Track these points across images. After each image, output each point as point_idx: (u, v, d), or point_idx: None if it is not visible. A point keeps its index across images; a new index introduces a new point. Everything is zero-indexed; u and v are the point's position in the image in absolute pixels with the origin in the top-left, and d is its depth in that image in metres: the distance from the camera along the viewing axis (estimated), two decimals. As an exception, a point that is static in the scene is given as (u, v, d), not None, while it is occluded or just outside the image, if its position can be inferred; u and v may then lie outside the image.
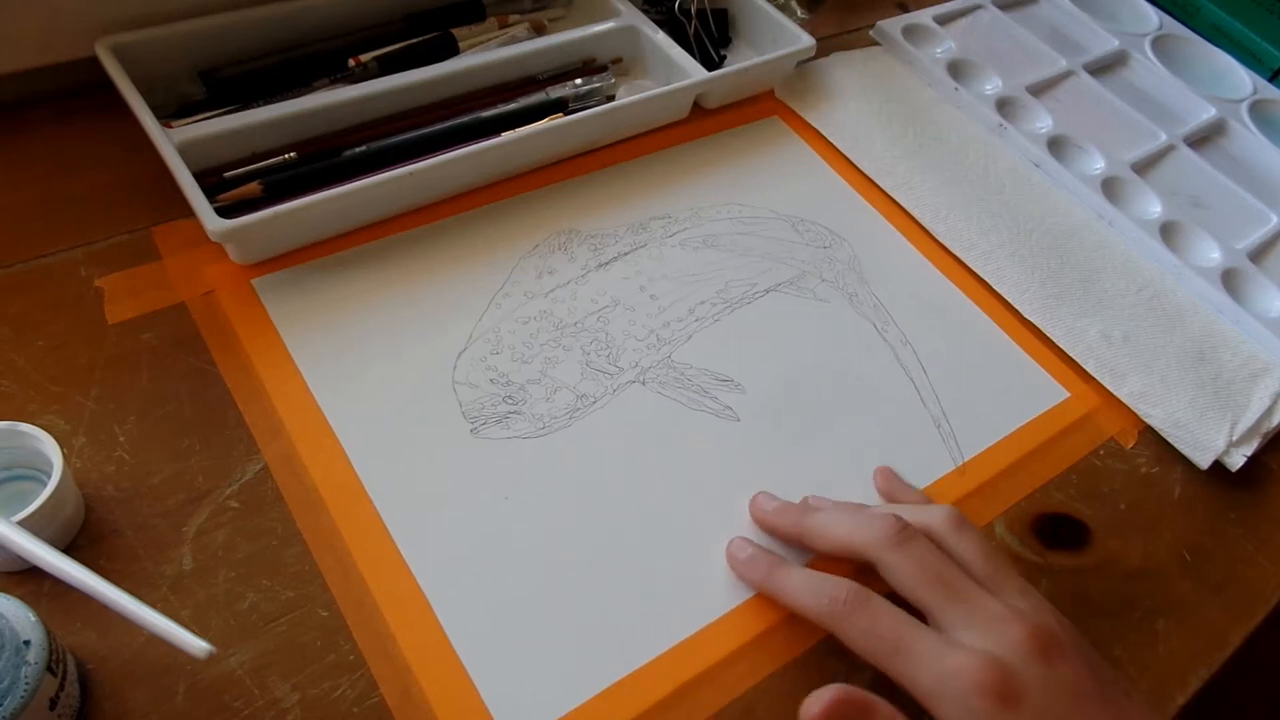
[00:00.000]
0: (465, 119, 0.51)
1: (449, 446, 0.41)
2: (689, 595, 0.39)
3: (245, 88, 0.49)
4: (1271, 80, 0.75)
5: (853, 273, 0.53)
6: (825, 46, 0.65)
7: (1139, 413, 0.50)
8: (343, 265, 0.46)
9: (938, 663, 0.32)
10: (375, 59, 0.53)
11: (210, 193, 0.43)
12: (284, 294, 0.44)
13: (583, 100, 0.55)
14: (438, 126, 0.50)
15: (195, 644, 0.29)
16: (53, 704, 0.29)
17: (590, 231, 0.51)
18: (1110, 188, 0.61)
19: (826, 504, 0.41)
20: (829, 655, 0.38)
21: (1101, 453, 0.49)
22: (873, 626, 0.34)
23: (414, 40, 0.54)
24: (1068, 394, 0.51)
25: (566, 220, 0.51)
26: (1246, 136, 0.69)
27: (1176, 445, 0.49)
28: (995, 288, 0.54)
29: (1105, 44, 0.73)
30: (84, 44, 0.46)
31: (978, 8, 0.74)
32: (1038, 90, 0.67)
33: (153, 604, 0.30)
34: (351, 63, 0.52)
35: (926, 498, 0.43)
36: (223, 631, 0.34)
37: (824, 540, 0.38)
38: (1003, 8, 0.75)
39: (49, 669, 0.29)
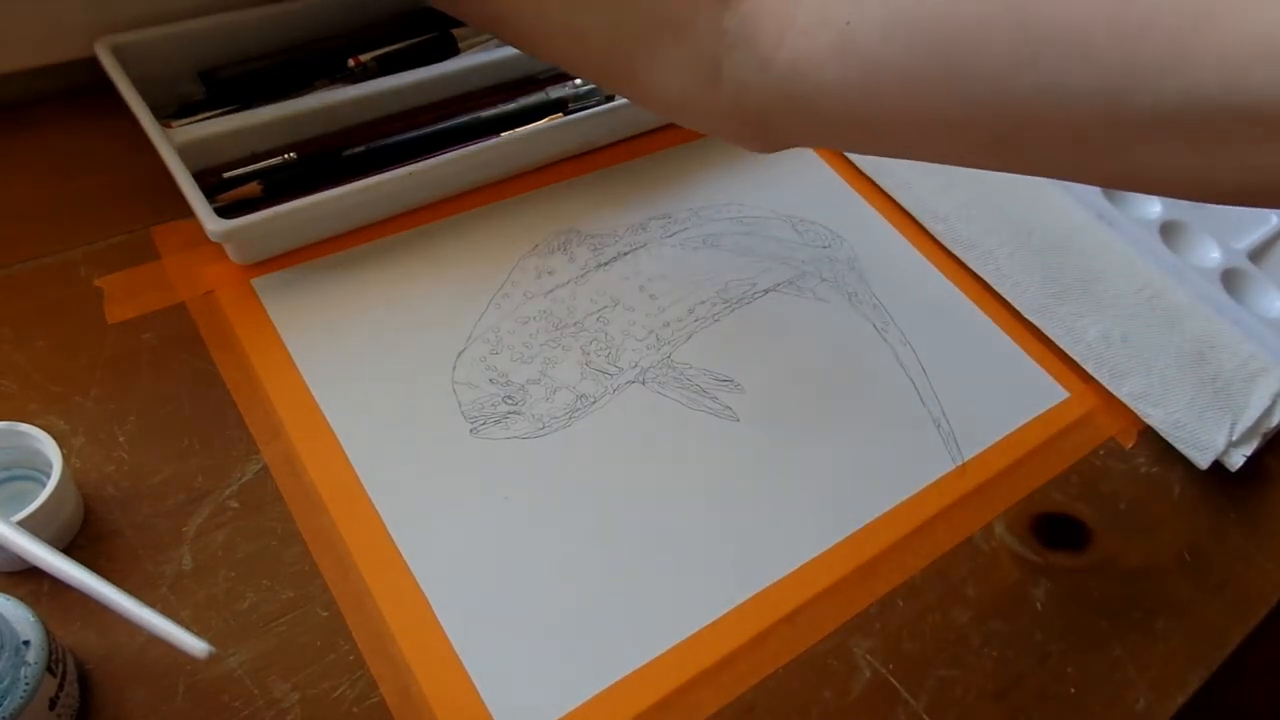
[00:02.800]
0: (465, 119, 0.51)
1: (448, 446, 0.41)
2: (689, 595, 0.39)
3: (245, 88, 0.49)
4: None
5: (853, 273, 0.53)
6: (825, 46, 0.64)
7: (1139, 413, 0.50)
8: (343, 265, 0.46)
9: None
10: (375, 59, 0.53)
11: (210, 193, 0.43)
12: (284, 294, 0.44)
13: (582, 100, 0.55)
14: (438, 126, 0.50)
15: (195, 644, 0.29)
16: (52, 704, 0.29)
17: (590, 231, 0.51)
18: (1110, 188, 0.61)
19: None
20: (829, 655, 0.39)
21: (1101, 453, 0.49)
22: None
23: (414, 40, 0.54)
24: (1067, 394, 0.51)
25: (566, 220, 0.51)
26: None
27: (1176, 445, 0.49)
28: (995, 288, 0.54)
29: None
30: (84, 44, 0.46)
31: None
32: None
33: (152, 604, 0.30)
34: (351, 63, 0.52)
35: None
36: (223, 631, 0.34)
37: None
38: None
39: (49, 669, 0.29)
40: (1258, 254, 0.60)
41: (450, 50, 0.55)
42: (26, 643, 0.29)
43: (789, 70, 0.32)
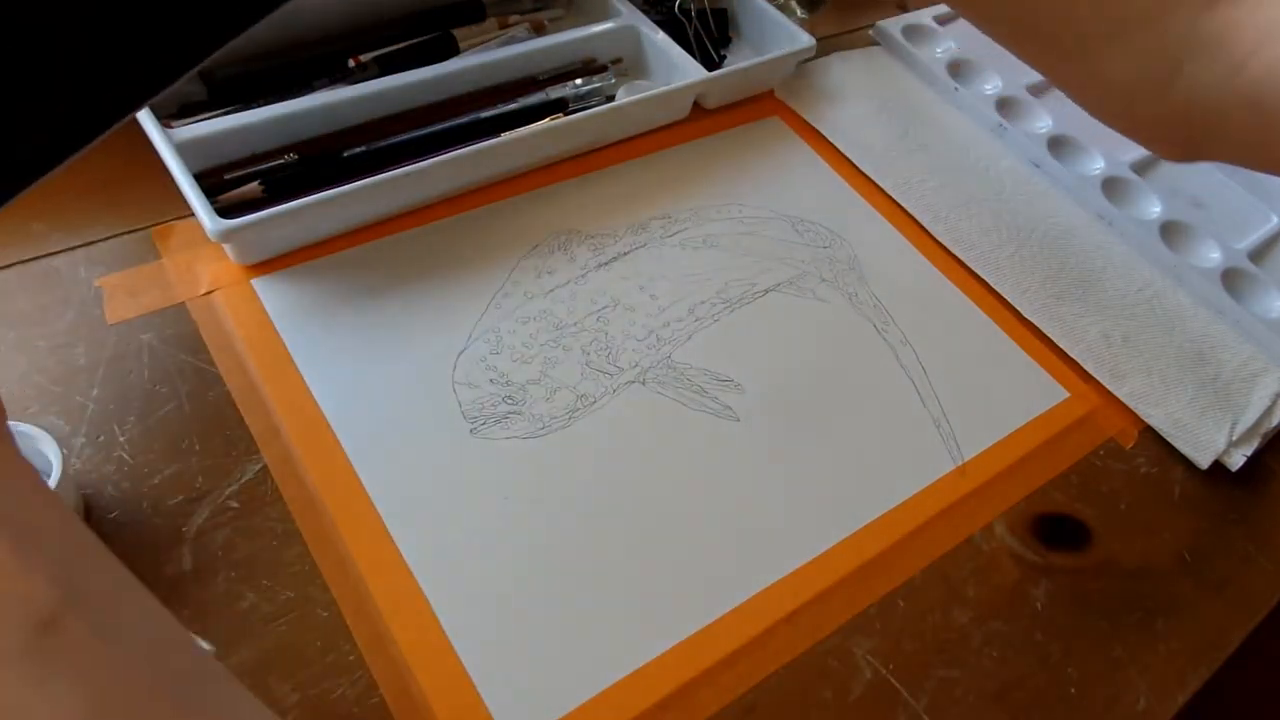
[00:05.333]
0: (465, 119, 0.51)
1: (449, 446, 0.41)
2: (689, 595, 0.39)
3: (245, 88, 0.49)
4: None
5: (853, 273, 0.53)
6: (825, 46, 0.65)
7: (1139, 413, 0.50)
8: (343, 265, 0.46)
9: None
10: (375, 59, 0.53)
11: (210, 193, 0.43)
12: (284, 294, 0.44)
13: (583, 100, 0.55)
14: (438, 126, 0.50)
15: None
16: (53, 704, 0.29)
17: (590, 231, 0.51)
18: (1110, 188, 0.61)
19: None
20: (829, 655, 0.39)
21: (1101, 453, 0.49)
22: None
23: (414, 40, 0.54)
24: (1068, 394, 0.50)
25: (566, 220, 0.51)
26: (1246, 136, 0.69)
27: (1176, 445, 0.49)
28: (995, 288, 0.54)
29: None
30: (84, 44, 0.46)
31: (978, 8, 0.74)
32: (1038, 90, 0.67)
33: (152, 604, 0.30)
34: (351, 63, 0.52)
35: None
36: (223, 631, 0.34)
37: None
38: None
39: (49, 669, 0.29)
40: (1258, 254, 0.60)
41: (450, 50, 0.55)
42: (26, 643, 0.29)
43: (1264, 77, 0.34)
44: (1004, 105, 0.65)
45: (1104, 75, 0.37)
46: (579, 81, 0.55)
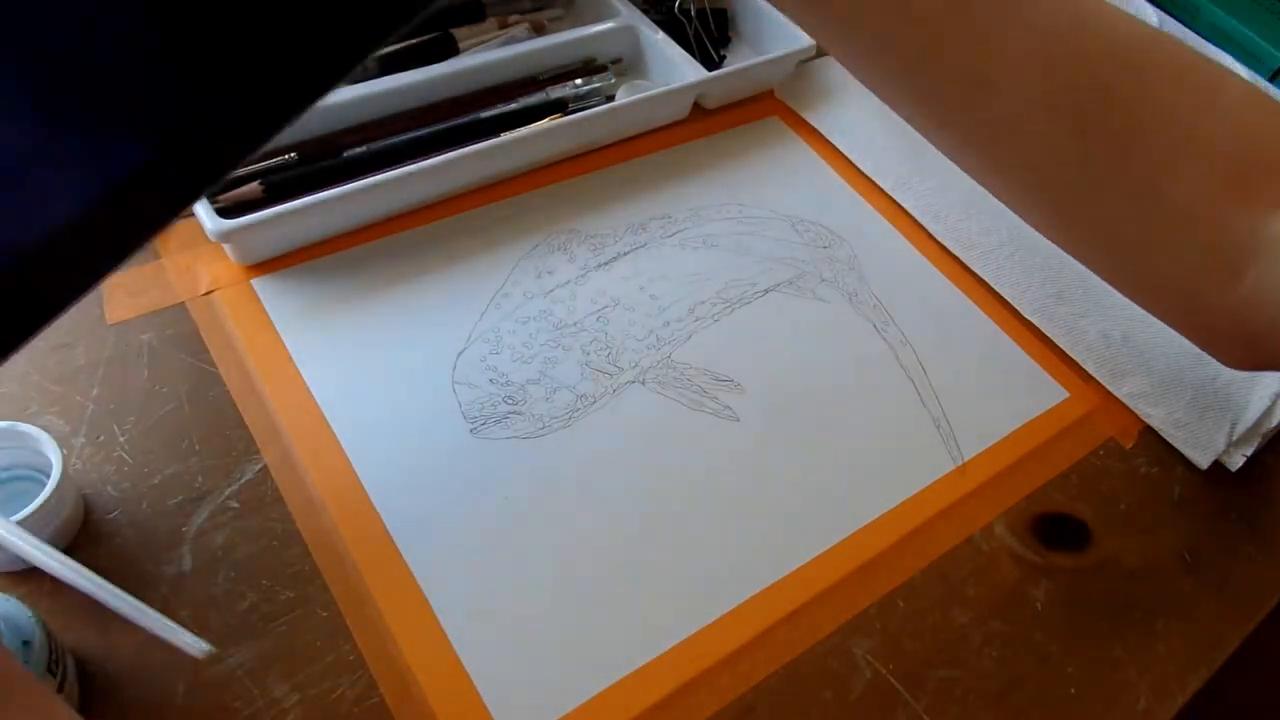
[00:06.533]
0: (465, 119, 0.51)
1: (449, 446, 0.41)
2: (689, 595, 0.39)
3: (245, 88, 0.49)
4: (1271, 80, 0.75)
5: (852, 272, 0.53)
6: (825, 46, 0.64)
7: (1139, 413, 0.50)
8: (343, 265, 0.46)
9: None
10: (375, 59, 0.53)
11: (210, 193, 0.43)
12: (284, 294, 0.44)
13: (583, 100, 0.55)
14: (438, 126, 0.50)
15: (194, 644, 0.29)
16: (53, 704, 0.29)
17: (590, 231, 0.51)
18: (1110, 188, 0.61)
19: None
20: (829, 655, 0.39)
21: (1101, 453, 0.49)
22: None
23: (414, 40, 0.54)
24: (1067, 394, 0.50)
25: (566, 220, 0.51)
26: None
27: (1176, 445, 0.49)
28: (995, 288, 0.54)
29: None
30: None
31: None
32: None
33: (152, 604, 0.30)
34: (351, 63, 0.52)
35: None
36: (223, 631, 0.34)
37: None
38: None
39: (49, 669, 0.29)
40: (1258, 254, 0.60)
41: (450, 50, 0.55)
42: (26, 643, 0.29)
43: None
44: (1004, 105, 0.64)
45: (1156, 265, 0.35)
46: (579, 81, 0.55)
